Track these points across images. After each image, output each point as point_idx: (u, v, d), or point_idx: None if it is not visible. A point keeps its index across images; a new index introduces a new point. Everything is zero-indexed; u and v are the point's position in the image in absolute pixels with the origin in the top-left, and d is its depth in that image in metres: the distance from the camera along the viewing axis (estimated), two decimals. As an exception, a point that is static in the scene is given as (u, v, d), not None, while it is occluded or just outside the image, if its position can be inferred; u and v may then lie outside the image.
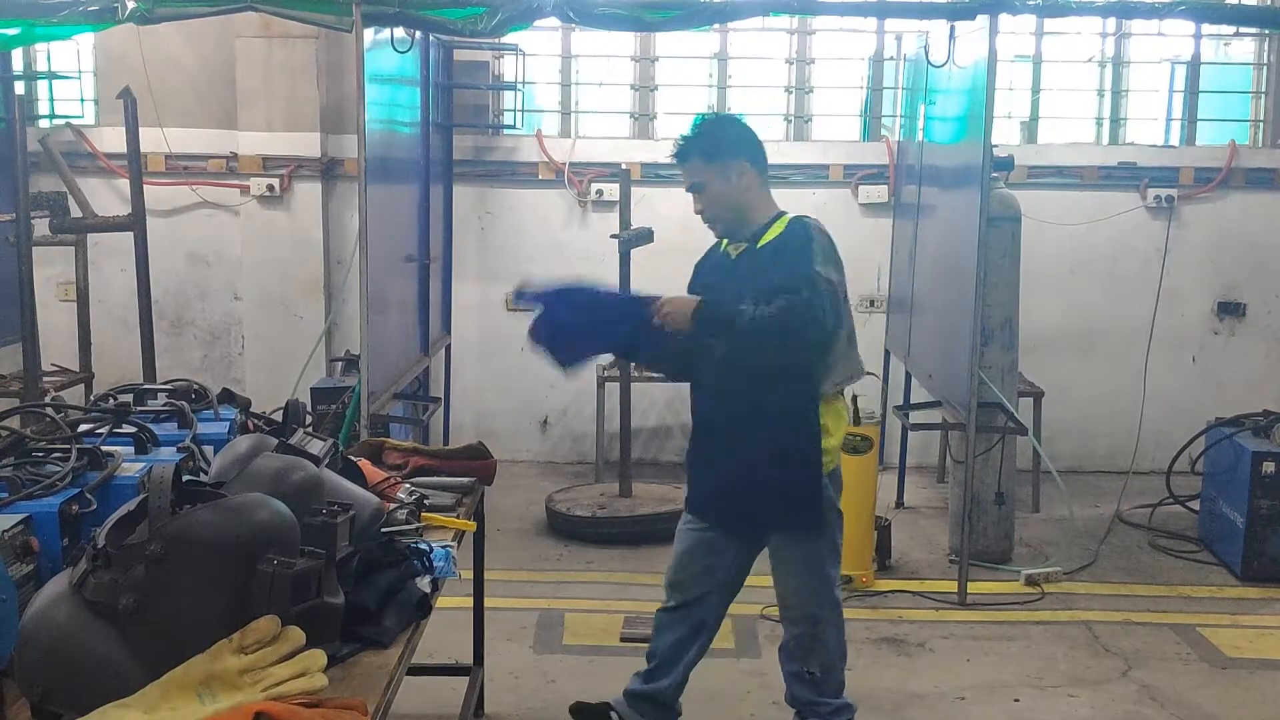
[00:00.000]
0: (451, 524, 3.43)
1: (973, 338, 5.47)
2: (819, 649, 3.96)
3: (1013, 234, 6.11)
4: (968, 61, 5.85)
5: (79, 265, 6.86)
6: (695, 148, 3.86)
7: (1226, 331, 7.83)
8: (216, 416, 3.51)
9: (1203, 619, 5.46)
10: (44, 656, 2.24)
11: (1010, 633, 5.27)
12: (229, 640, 2.26)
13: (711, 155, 3.84)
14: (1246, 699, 4.68)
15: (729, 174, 3.82)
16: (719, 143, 3.87)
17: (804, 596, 3.96)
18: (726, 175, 3.82)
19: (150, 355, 6.82)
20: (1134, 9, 6.77)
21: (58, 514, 2.64)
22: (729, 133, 3.95)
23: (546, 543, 6.36)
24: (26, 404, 5.53)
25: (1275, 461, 5.88)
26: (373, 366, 5.43)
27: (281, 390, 6.94)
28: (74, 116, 7.70)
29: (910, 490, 7.23)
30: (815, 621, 3.96)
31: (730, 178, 3.82)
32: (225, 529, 2.34)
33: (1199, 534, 6.49)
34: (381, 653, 2.60)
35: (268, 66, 7.36)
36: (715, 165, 3.83)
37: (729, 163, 3.82)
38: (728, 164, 3.82)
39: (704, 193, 3.86)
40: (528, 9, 5.22)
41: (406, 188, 6.56)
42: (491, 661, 4.56)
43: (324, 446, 2.96)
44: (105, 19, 4.96)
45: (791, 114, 7.80)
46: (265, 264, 7.55)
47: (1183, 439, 6.80)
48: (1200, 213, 7.70)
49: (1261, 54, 7.82)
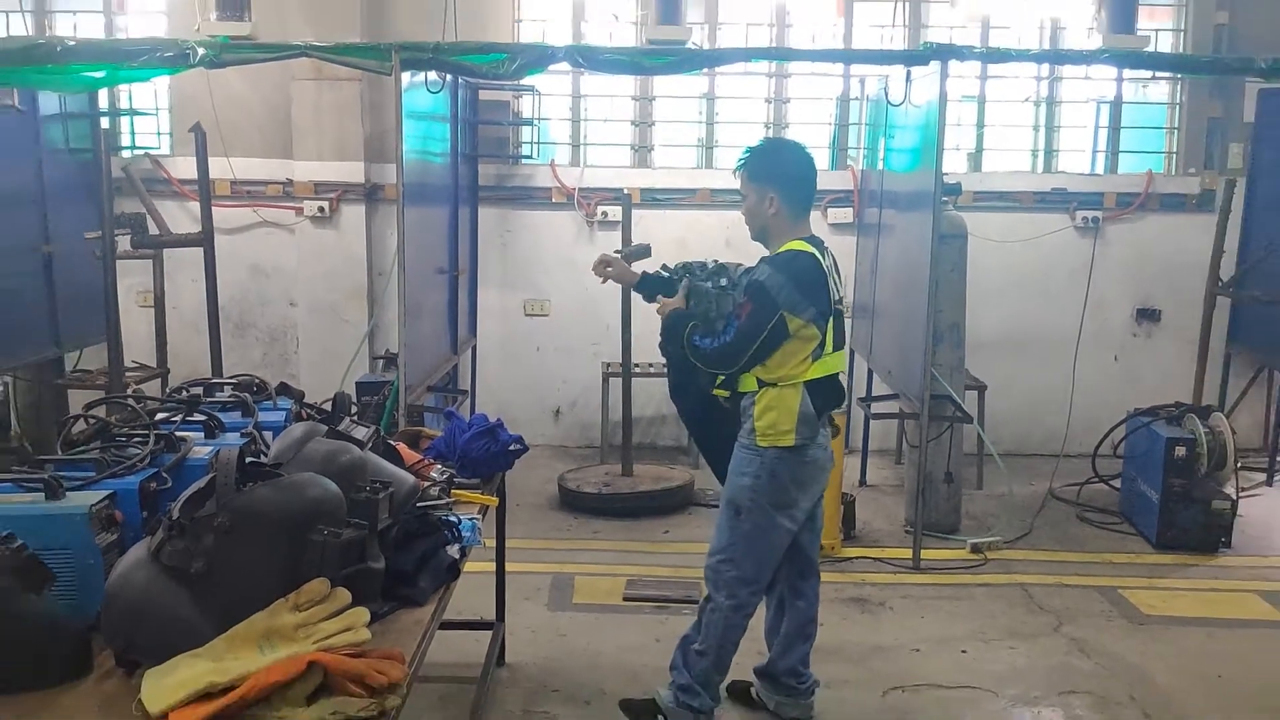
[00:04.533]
0: (477, 499, 3.42)
1: (925, 339, 5.47)
2: (701, 623, 3.82)
3: (960, 250, 6.10)
4: (922, 101, 5.85)
5: (156, 276, 6.86)
6: (750, 164, 3.79)
7: (1144, 334, 7.83)
8: (274, 406, 3.50)
9: (1123, 582, 5.46)
10: (126, 613, 2.24)
11: (958, 593, 5.27)
12: (285, 599, 2.26)
13: (753, 176, 3.77)
14: (1161, 651, 4.68)
15: (762, 198, 3.76)
16: (763, 168, 3.78)
17: (709, 558, 3.85)
18: (760, 198, 3.76)
19: (217, 354, 6.82)
20: (1065, 56, 6.80)
21: (138, 490, 2.63)
22: (775, 161, 3.83)
23: (559, 515, 6.36)
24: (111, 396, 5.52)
25: (1185, 446, 5.88)
26: (409, 363, 5.43)
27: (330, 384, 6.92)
28: (152, 148, 7.69)
29: (872, 470, 7.23)
30: (708, 597, 3.82)
31: (762, 201, 3.76)
32: (282, 503, 2.34)
33: (1120, 508, 6.49)
34: (416, 610, 2.59)
35: (319, 105, 7.35)
36: (753, 185, 3.77)
37: (764, 188, 3.75)
38: (763, 189, 3.75)
39: (743, 204, 3.83)
40: (543, 55, 5.21)
41: (438, 209, 6.56)
42: (511, 618, 4.56)
43: (367, 432, 2.96)
44: (179, 64, 4.95)
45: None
46: (316, 275, 7.54)
47: (1106, 426, 6.80)
48: (1122, 232, 7.69)
49: (1175, 94, 7.82)
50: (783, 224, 3.77)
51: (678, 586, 5.14)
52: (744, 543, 3.76)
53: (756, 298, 3.64)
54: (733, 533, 3.77)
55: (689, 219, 7.59)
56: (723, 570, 3.78)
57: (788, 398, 3.68)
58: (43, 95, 6.31)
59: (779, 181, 3.76)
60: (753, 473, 3.72)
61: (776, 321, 3.62)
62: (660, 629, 4.71)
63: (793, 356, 3.68)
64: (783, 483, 3.72)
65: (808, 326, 3.66)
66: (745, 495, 3.73)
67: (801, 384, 3.68)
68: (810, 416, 3.69)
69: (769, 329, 3.62)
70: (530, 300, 7.76)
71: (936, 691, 4.27)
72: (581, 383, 7.74)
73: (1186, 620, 5.00)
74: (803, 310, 3.63)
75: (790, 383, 3.69)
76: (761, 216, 3.78)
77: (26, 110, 6.23)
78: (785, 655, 4.00)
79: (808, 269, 3.67)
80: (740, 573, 3.77)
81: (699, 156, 7.84)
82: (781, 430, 3.68)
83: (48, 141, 6.43)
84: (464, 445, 3.68)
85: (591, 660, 4.47)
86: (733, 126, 7.76)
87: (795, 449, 3.70)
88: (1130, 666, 4.51)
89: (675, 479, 6.60)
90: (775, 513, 3.74)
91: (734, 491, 3.77)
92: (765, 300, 3.62)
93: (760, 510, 3.72)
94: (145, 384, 6.61)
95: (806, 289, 3.64)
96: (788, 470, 3.72)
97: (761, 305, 3.62)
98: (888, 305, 6.55)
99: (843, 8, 7.62)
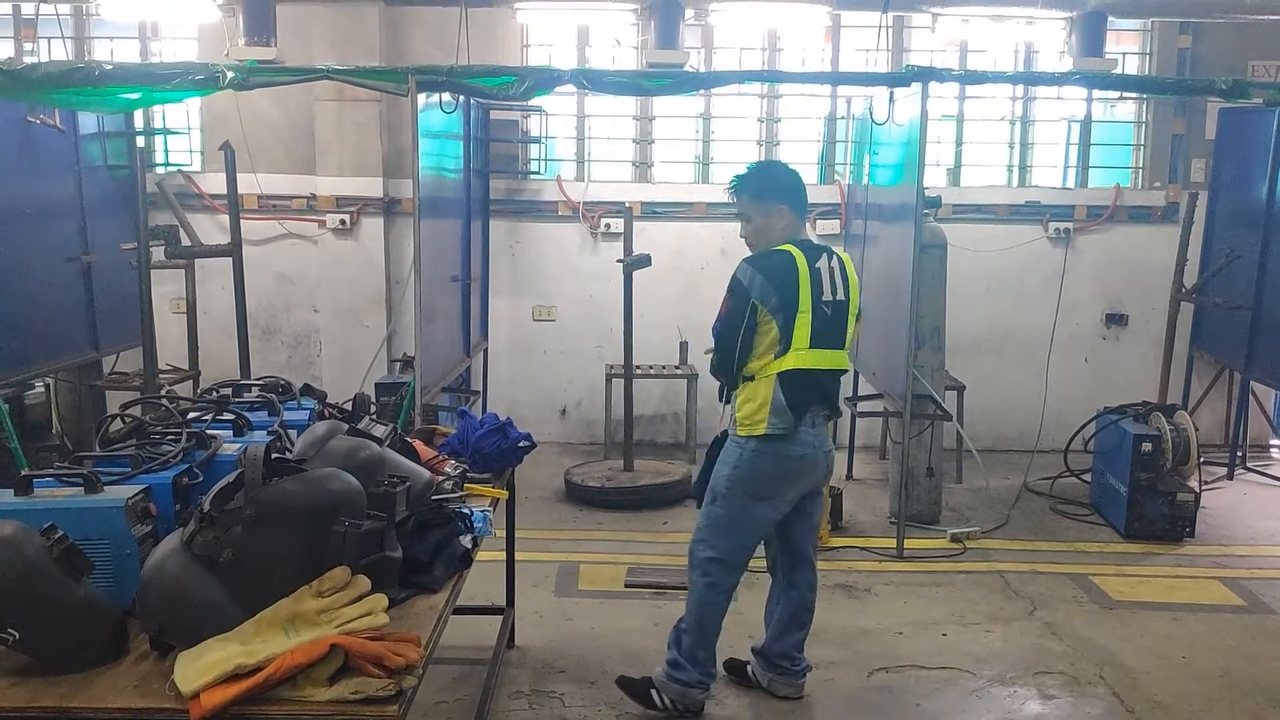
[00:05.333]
0: (488, 492, 3.43)
1: (908, 342, 5.46)
2: (687, 603, 3.84)
3: (940, 259, 6.10)
4: (904, 120, 5.85)
5: (188, 284, 6.86)
6: (748, 185, 3.80)
7: (1113, 337, 7.82)
8: (299, 406, 3.51)
9: (1094, 569, 5.46)
10: (160, 599, 2.24)
11: (939, 580, 5.27)
12: (309, 586, 2.26)
13: (760, 195, 3.78)
14: (1129, 633, 4.67)
15: (771, 213, 3.77)
16: (768, 187, 3.79)
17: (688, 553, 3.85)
18: (769, 214, 3.77)
19: (245, 356, 6.82)
20: (1038, 78, 6.79)
21: (171, 485, 2.64)
22: (777, 179, 3.84)
23: (565, 508, 6.36)
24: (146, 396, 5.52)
25: (1151, 442, 5.88)
26: (425, 366, 5.43)
27: (351, 385, 6.93)
28: (184, 164, 7.69)
29: (858, 465, 7.22)
30: (690, 577, 3.84)
31: (772, 216, 3.77)
32: (306, 496, 2.34)
33: (1091, 500, 6.48)
34: (432, 596, 2.60)
35: (340, 124, 7.35)
36: (760, 204, 3.77)
37: (773, 204, 3.76)
38: (772, 205, 3.76)
39: (749, 223, 3.81)
40: (549, 78, 5.21)
41: (452, 221, 6.55)
42: (520, 603, 4.56)
43: (386, 430, 2.96)
44: (209, 86, 4.95)
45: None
46: (338, 283, 7.54)
47: (1077, 424, 6.78)
48: (1091, 242, 7.69)
49: (1141, 113, 7.81)
50: (790, 232, 3.78)
51: (675, 573, 5.12)
52: (718, 526, 3.78)
53: (732, 291, 3.69)
54: (709, 517, 3.80)
55: (687, 230, 7.59)
56: (698, 551, 3.82)
57: (761, 389, 3.68)
58: (82, 115, 6.33)
59: (788, 195, 3.79)
60: (733, 462, 3.74)
61: (750, 310, 3.64)
62: (658, 613, 4.71)
63: (760, 346, 3.69)
64: (762, 473, 3.72)
65: (770, 318, 3.65)
66: (723, 483, 3.76)
67: (774, 375, 3.67)
68: (782, 408, 3.64)
69: (746, 317, 3.65)
70: (538, 306, 7.76)
71: (918, 672, 4.27)
72: (586, 383, 7.74)
73: (1153, 605, 5.00)
74: (767, 300, 3.63)
75: (764, 375, 3.69)
76: (772, 230, 3.77)
77: (67, 129, 6.25)
78: (779, 639, 4.00)
79: (779, 265, 3.67)
80: (714, 554, 3.78)
81: (696, 172, 7.84)
82: (756, 420, 3.68)
83: (87, 158, 6.44)
84: (476, 442, 3.69)
85: (595, 643, 4.46)
86: (727, 144, 7.77)
87: (772, 439, 3.67)
88: (1100, 648, 4.51)
89: (673, 474, 6.60)
90: (753, 501, 3.75)
91: (716, 479, 3.80)
92: (739, 291, 3.66)
93: (735, 497, 3.74)
94: (178, 385, 6.62)
95: (774, 281, 3.63)
96: (767, 461, 3.71)
97: (736, 297, 3.67)
98: (872, 311, 6.50)
99: (830, 33, 7.61)
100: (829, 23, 7.42)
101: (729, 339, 3.69)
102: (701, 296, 7.11)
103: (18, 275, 5.75)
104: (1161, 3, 6.72)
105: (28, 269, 5.85)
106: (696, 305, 7.14)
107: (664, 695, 3.81)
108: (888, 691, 4.11)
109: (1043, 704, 4.04)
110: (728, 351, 3.72)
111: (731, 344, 3.69)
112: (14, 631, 2.13)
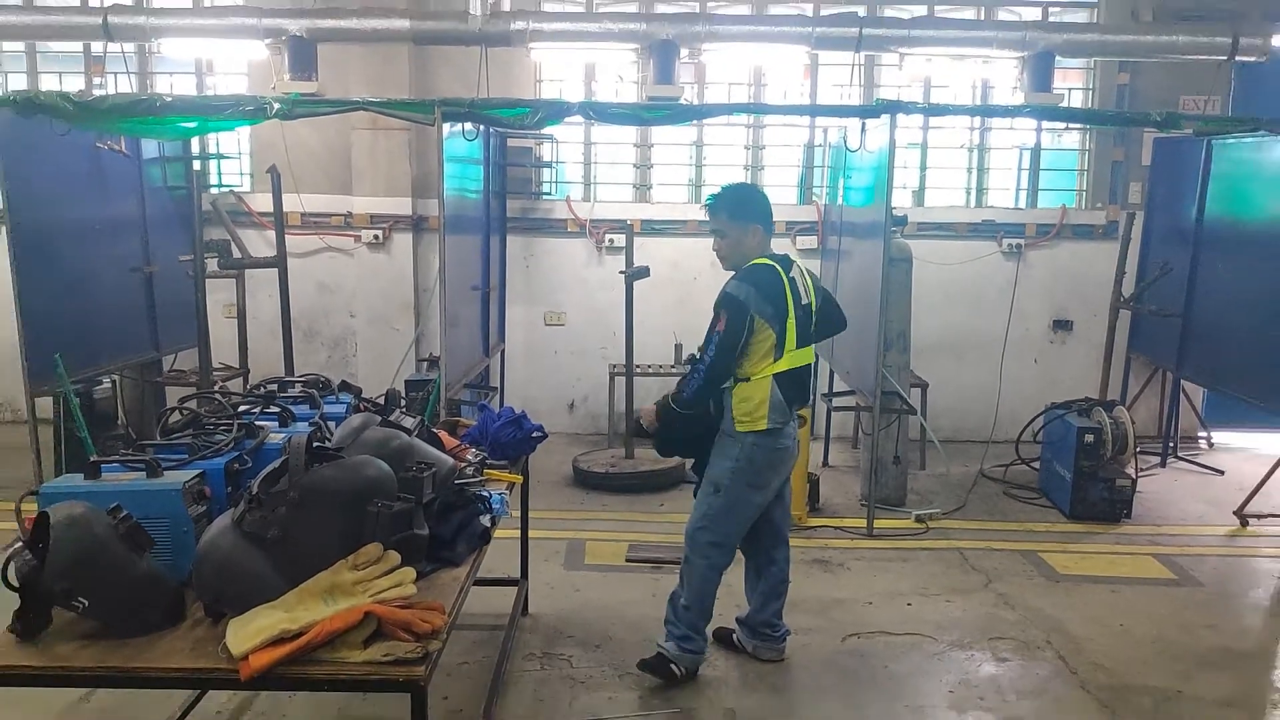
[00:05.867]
0: (505, 478, 3.42)
1: (878, 345, 5.46)
2: (684, 581, 3.81)
3: (906, 271, 6.09)
4: (874, 147, 5.84)
5: (238, 292, 6.86)
6: (725, 205, 3.76)
7: (1059, 341, 7.82)
8: (337, 400, 3.51)
9: (1042, 546, 5.45)
10: (213, 571, 2.24)
11: (904, 556, 5.27)
12: (346, 560, 2.27)
13: (736, 216, 3.73)
14: (1073, 603, 4.67)
15: (746, 231, 3.73)
16: (743, 208, 3.75)
17: (687, 526, 3.83)
18: (744, 232, 3.73)
19: (289, 356, 6.83)
20: (993, 110, 6.80)
21: (223, 470, 2.65)
22: (751, 202, 3.80)
23: (573, 491, 6.35)
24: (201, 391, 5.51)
25: (1093, 434, 5.87)
26: (449, 365, 5.42)
27: (383, 382, 6.93)
28: (235, 185, 7.69)
29: (833, 454, 7.21)
30: (686, 558, 3.81)
31: (747, 234, 3.73)
32: (344, 481, 2.34)
33: (1039, 485, 6.47)
34: (455, 570, 2.60)
35: (374, 150, 7.35)
36: (736, 223, 3.73)
37: (748, 224, 3.73)
38: (746, 224, 3.73)
39: (724, 239, 3.77)
40: (560, 110, 5.20)
41: (473, 237, 6.55)
42: (533, 576, 4.56)
43: (414, 422, 2.96)
44: (257, 116, 4.95)
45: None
46: (372, 291, 7.53)
47: (1028, 417, 6.79)
48: (1040, 256, 7.68)
49: (1084, 142, 7.81)
50: (761, 249, 3.76)
51: (671, 549, 5.12)
52: (720, 514, 3.76)
53: (729, 307, 3.62)
54: (710, 505, 3.77)
55: (681, 244, 7.58)
56: (699, 536, 3.79)
57: (760, 388, 3.66)
58: (145, 141, 6.34)
59: (760, 216, 3.77)
60: (734, 455, 3.71)
61: (748, 322, 3.61)
62: (656, 585, 4.70)
63: (757, 351, 3.66)
64: (759, 465, 3.72)
65: (767, 326, 3.63)
66: (726, 475, 3.73)
67: (771, 376, 3.66)
68: (780, 404, 3.67)
69: (745, 330, 3.61)
70: (549, 312, 7.75)
71: (886, 637, 4.27)
72: (592, 381, 7.73)
73: (1094, 579, 5.00)
74: (764, 311, 3.61)
75: (761, 375, 3.67)
76: (746, 246, 3.74)
77: (131, 154, 6.26)
78: (762, 610, 4.01)
79: (768, 278, 3.66)
80: (714, 538, 3.78)
81: (689, 193, 7.83)
82: (756, 417, 3.67)
83: (149, 180, 6.44)
84: (494, 433, 3.69)
85: (600, 611, 4.46)
86: (718, 169, 7.77)
87: (769, 433, 3.68)
88: (1047, 617, 4.51)
89: (669, 461, 6.58)
90: (749, 490, 3.75)
91: (717, 472, 3.76)
92: (736, 306, 3.61)
93: (736, 488, 3.73)
94: (229, 381, 6.61)
95: (766, 293, 3.62)
96: (763, 454, 3.71)
97: (734, 312, 3.61)
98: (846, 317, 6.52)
99: (809, 70, 7.61)
100: (808, 61, 7.41)
101: (728, 355, 3.62)
102: (695, 304, 7.12)
103: (88, 284, 5.76)
104: (1102, 44, 6.72)
105: (97, 278, 5.86)
106: (691, 312, 7.14)
107: (680, 665, 3.80)
108: (859, 655, 4.11)
109: (996, 666, 4.04)
110: (729, 362, 3.64)
111: (730, 358, 3.63)
112: (84, 600, 2.14)
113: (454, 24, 6.53)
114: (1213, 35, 6.56)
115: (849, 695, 3.76)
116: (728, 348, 3.61)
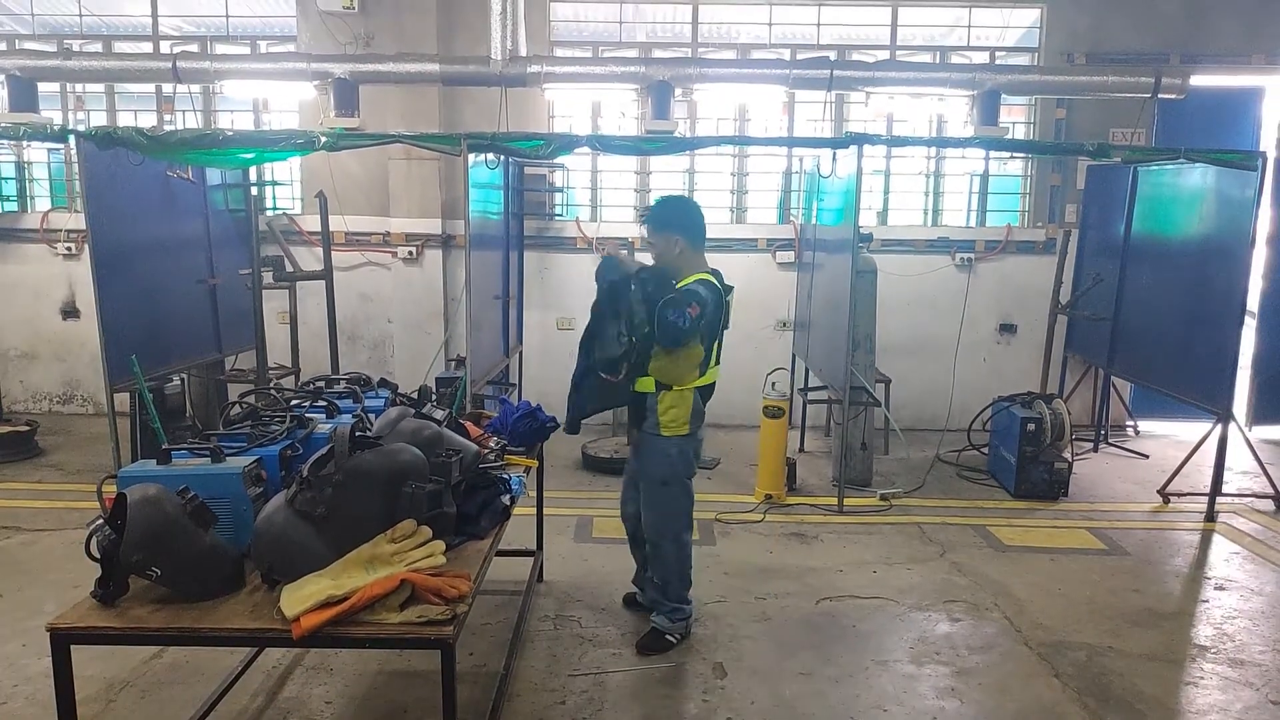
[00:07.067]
0: (522, 462, 3.42)
1: (847, 346, 5.45)
2: (658, 563, 3.74)
3: (872, 282, 6.09)
4: (844, 174, 5.84)
5: (291, 301, 6.86)
6: (650, 218, 3.68)
7: (1005, 342, 7.81)
8: (376, 395, 3.51)
9: (990, 521, 5.45)
10: (269, 544, 2.24)
11: (870, 530, 5.27)
12: (384, 534, 2.27)
13: (658, 226, 3.61)
14: (1018, 571, 4.67)
15: (669, 241, 3.59)
16: (664, 219, 3.61)
17: (648, 523, 3.74)
18: (666, 242, 3.59)
19: (335, 357, 6.83)
20: (947, 142, 6.76)
21: (278, 456, 2.64)
22: (673, 212, 3.64)
23: (582, 474, 6.35)
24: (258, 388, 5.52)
25: (1034, 423, 5.87)
26: (473, 364, 5.42)
27: (417, 379, 6.95)
28: (287, 208, 7.69)
29: (808, 441, 7.21)
30: (654, 544, 3.73)
31: (669, 244, 3.59)
32: (382, 465, 2.34)
33: (988, 468, 6.47)
34: (479, 542, 2.60)
35: (408, 177, 7.35)
36: (660, 234, 3.60)
37: (670, 234, 3.59)
38: (668, 235, 3.59)
39: (653, 249, 3.68)
40: (570, 142, 5.19)
41: (494, 253, 6.55)
42: (547, 547, 4.56)
43: (443, 414, 2.96)
44: (307, 148, 4.94)
45: (734, 206, 7.77)
46: (406, 300, 7.53)
47: (978, 409, 6.80)
48: (989, 268, 7.68)
49: (1027, 169, 7.80)
50: (687, 260, 3.61)
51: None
52: (674, 502, 3.69)
53: (703, 305, 3.47)
54: (666, 497, 3.68)
55: (676, 259, 7.56)
56: (669, 526, 3.71)
57: (686, 399, 3.59)
58: (209, 170, 6.34)
59: (681, 225, 3.59)
60: (671, 454, 3.63)
61: (703, 328, 3.51)
62: (655, 556, 4.69)
63: (688, 363, 3.56)
64: (687, 458, 3.67)
65: (699, 342, 3.55)
66: (667, 469, 3.65)
67: (694, 390, 3.60)
68: (699, 412, 3.64)
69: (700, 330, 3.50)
70: (561, 318, 7.75)
71: (855, 600, 4.27)
72: (598, 378, 7.70)
73: (1036, 549, 5.00)
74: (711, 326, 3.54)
75: (686, 387, 3.59)
76: (669, 257, 3.61)
77: (197, 181, 6.26)
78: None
79: (716, 298, 3.56)
80: (680, 524, 3.72)
81: (683, 214, 7.81)
82: (681, 422, 3.60)
83: (212, 203, 6.45)
84: (513, 423, 3.69)
85: (605, 578, 4.45)
86: (708, 193, 7.76)
87: (689, 437, 3.64)
88: (995, 582, 4.51)
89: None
90: (686, 479, 3.70)
91: (659, 470, 3.65)
92: (705, 309, 3.47)
93: (679, 479, 3.68)
94: (283, 379, 6.62)
95: (713, 311, 3.54)
96: (689, 448, 3.67)
97: (704, 310, 3.46)
98: (819, 322, 6.53)
99: (786, 107, 7.61)
100: (786, 99, 7.41)
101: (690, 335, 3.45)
102: (687, 310, 7.10)
103: (160, 294, 5.76)
104: (1043, 84, 6.73)
105: (167, 289, 5.86)
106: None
107: (674, 634, 3.75)
108: (831, 615, 4.10)
109: (951, 625, 4.04)
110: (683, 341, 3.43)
111: (690, 339, 3.45)
112: (157, 569, 2.14)
113: (478, 68, 6.53)
114: (1138, 76, 6.57)
115: (822, 649, 3.76)
116: (694, 330, 3.43)
